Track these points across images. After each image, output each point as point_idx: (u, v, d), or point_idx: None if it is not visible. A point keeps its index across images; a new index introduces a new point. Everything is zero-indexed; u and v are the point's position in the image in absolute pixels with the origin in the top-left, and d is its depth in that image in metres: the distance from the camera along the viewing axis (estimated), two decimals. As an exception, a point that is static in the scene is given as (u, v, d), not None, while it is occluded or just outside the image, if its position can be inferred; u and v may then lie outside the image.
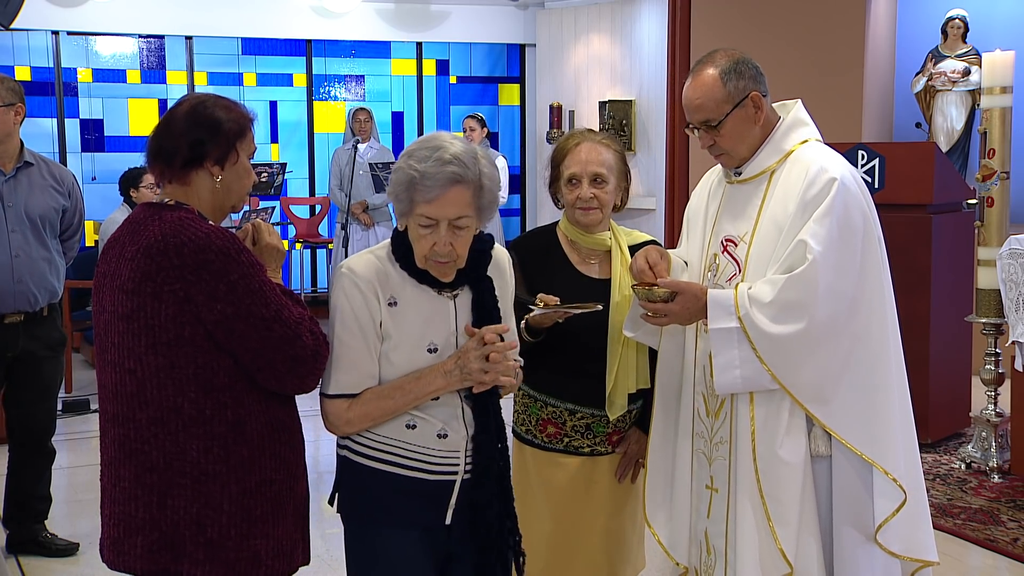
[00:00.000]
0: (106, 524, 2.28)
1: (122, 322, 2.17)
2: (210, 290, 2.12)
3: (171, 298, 2.12)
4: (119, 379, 2.19)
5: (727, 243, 2.72)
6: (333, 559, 4.43)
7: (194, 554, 2.17)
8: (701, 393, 2.76)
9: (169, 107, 2.33)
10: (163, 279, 2.12)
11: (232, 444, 2.19)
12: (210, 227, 2.19)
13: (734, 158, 2.71)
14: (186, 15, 9.59)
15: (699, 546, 2.81)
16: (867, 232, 2.60)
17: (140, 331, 2.15)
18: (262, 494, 2.23)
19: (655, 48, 9.45)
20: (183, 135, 2.22)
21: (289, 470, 2.29)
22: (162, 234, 2.14)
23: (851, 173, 2.62)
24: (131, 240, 2.19)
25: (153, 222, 2.17)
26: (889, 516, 2.59)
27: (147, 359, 2.15)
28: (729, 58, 2.65)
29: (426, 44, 10.64)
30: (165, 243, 2.12)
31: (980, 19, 8.19)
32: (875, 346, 2.62)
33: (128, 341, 2.16)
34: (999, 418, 5.35)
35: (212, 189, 2.26)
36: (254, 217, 7.95)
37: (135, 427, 2.18)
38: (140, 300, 2.14)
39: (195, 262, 2.11)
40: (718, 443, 2.73)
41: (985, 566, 4.34)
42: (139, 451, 2.18)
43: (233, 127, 2.26)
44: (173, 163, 2.23)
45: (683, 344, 2.82)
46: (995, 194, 5.30)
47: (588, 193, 2.89)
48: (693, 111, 2.67)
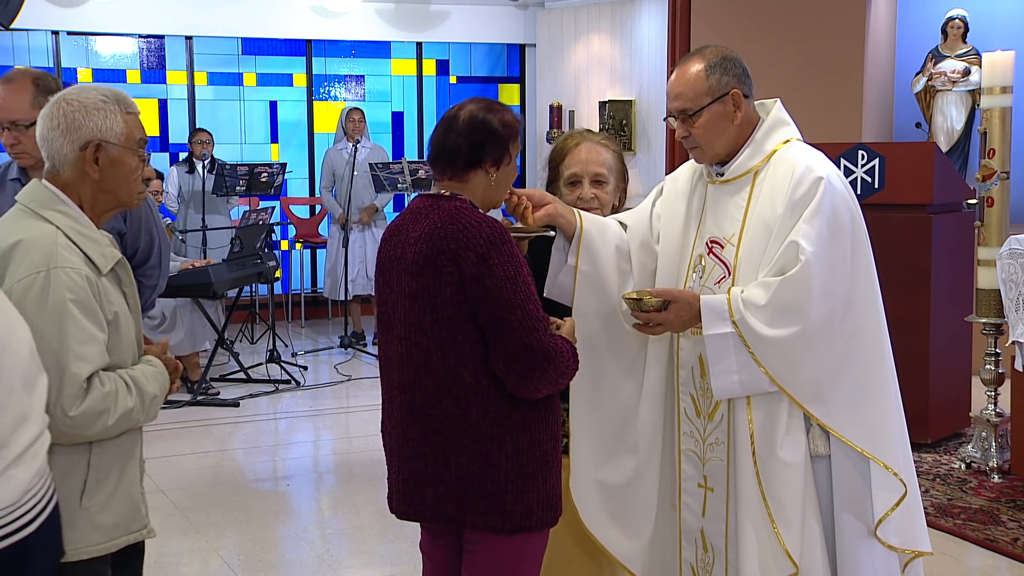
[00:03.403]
0: (394, 480, 2.58)
1: (408, 300, 2.44)
2: (474, 270, 2.37)
3: (448, 278, 2.38)
4: (406, 351, 2.47)
5: (712, 244, 2.72)
6: (333, 559, 4.43)
7: (476, 506, 2.45)
8: (690, 394, 2.77)
9: (445, 113, 2.56)
10: (442, 261, 2.38)
11: (506, 409, 2.44)
12: (482, 216, 2.43)
13: (707, 153, 2.72)
14: (186, 15, 9.59)
15: (695, 543, 2.81)
16: (855, 230, 2.63)
17: (424, 308, 2.42)
18: (532, 452, 2.47)
19: (655, 48, 9.45)
20: (464, 139, 2.47)
21: (552, 431, 2.53)
22: (440, 221, 2.41)
23: (836, 172, 2.65)
24: (413, 227, 2.46)
25: (433, 211, 2.45)
26: (889, 510, 2.61)
27: (432, 333, 2.42)
28: (718, 54, 2.68)
29: (426, 44, 10.65)
30: (444, 229, 2.39)
31: (980, 19, 8.19)
32: (869, 342, 2.64)
33: (414, 317, 2.44)
34: (999, 418, 5.35)
35: (486, 186, 2.52)
36: (254, 217, 7.96)
37: (422, 393, 2.45)
38: (423, 281, 2.41)
39: (466, 245, 2.37)
40: (713, 444, 2.74)
41: (985, 566, 4.34)
42: (426, 414, 2.46)
43: (508, 132, 2.50)
44: (455, 164, 2.49)
45: (670, 346, 2.82)
46: (995, 194, 5.30)
47: (589, 193, 2.89)
48: (672, 99, 2.71)
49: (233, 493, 5.30)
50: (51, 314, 2.15)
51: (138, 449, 2.42)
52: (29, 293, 2.16)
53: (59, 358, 2.15)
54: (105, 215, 2.39)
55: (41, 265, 2.18)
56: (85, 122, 2.29)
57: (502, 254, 2.39)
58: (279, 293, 9.27)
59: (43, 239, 2.22)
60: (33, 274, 2.17)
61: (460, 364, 2.42)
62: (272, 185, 8.50)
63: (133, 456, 2.39)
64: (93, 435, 2.22)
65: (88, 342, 2.18)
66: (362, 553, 4.55)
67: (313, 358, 8.42)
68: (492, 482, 2.44)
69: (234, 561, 4.39)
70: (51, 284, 2.17)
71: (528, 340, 2.38)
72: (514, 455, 2.45)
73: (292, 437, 6.56)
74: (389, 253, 2.53)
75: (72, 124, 2.29)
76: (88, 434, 2.21)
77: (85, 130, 2.29)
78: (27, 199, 2.32)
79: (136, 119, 2.37)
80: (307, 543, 4.64)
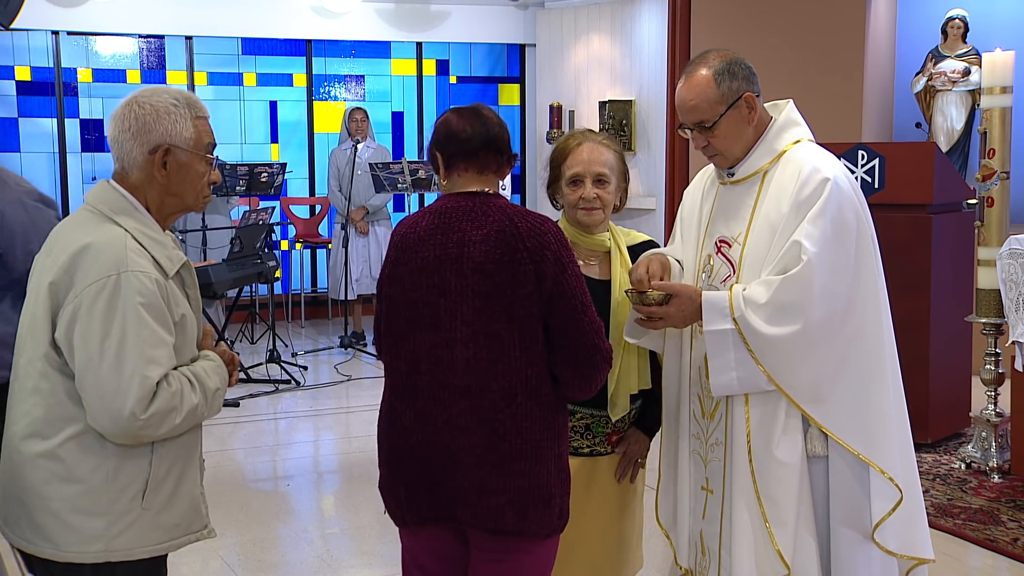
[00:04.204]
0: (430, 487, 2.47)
1: (480, 300, 2.38)
2: (552, 270, 2.38)
3: (525, 277, 2.37)
4: (473, 353, 2.39)
5: (721, 244, 2.72)
6: (333, 559, 4.43)
7: (533, 514, 2.43)
8: (697, 395, 2.77)
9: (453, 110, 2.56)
10: (520, 259, 2.37)
11: (552, 413, 2.46)
12: (543, 216, 2.46)
13: (728, 159, 2.71)
14: (186, 15, 9.59)
15: (695, 547, 2.81)
16: (860, 232, 2.61)
17: (498, 309, 2.38)
18: (566, 455, 2.52)
19: (655, 48, 9.45)
20: (505, 133, 2.52)
21: (566, 435, 2.55)
22: (509, 219, 2.40)
23: (844, 173, 2.63)
24: (471, 225, 2.42)
25: (490, 209, 2.43)
26: (886, 515, 2.59)
27: (505, 334, 2.39)
28: (722, 59, 2.65)
29: (426, 44, 10.64)
30: (518, 227, 2.39)
31: (980, 19, 8.18)
32: (870, 346, 2.62)
33: (485, 317, 2.38)
34: (999, 418, 5.35)
35: (497, 189, 2.55)
36: (254, 217, 7.95)
37: (490, 398, 2.40)
38: (500, 280, 2.37)
39: (543, 244, 2.38)
40: (713, 444, 2.74)
41: (985, 566, 4.34)
42: (493, 419, 2.40)
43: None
44: (501, 157, 2.51)
45: (680, 346, 2.82)
46: (995, 194, 5.30)
47: (591, 193, 2.89)
48: (687, 112, 2.67)
49: (233, 493, 5.30)
50: (121, 318, 2.15)
51: (199, 448, 2.43)
52: (99, 297, 2.16)
53: (130, 362, 2.15)
54: (170, 218, 2.39)
55: (111, 269, 2.18)
56: (155, 126, 2.29)
57: (571, 256, 2.43)
58: (279, 293, 9.27)
59: (113, 242, 2.21)
60: (104, 278, 2.17)
61: (528, 366, 2.39)
62: (272, 185, 8.50)
63: (194, 455, 2.40)
64: (161, 435, 2.23)
65: (158, 345, 2.18)
66: (362, 553, 4.55)
67: (313, 358, 8.42)
68: (546, 488, 2.43)
69: (234, 561, 4.39)
70: (121, 288, 2.17)
71: (597, 342, 2.41)
72: (557, 459, 2.46)
73: (292, 437, 6.56)
74: (435, 252, 2.43)
75: (143, 127, 2.29)
76: (156, 435, 2.21)
77: (155, 134, 2.29)
78: (95, 201, 2.32)
79: (205, 123, 2.38)
80: (307, 543, 4.65)
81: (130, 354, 2.14)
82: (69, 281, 2.20)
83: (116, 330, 2.15)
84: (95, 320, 2.15)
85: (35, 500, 2.25)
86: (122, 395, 2.14)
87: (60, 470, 2.22)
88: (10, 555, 4.52)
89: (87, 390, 2.17)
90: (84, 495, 2.22)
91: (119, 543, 2.24)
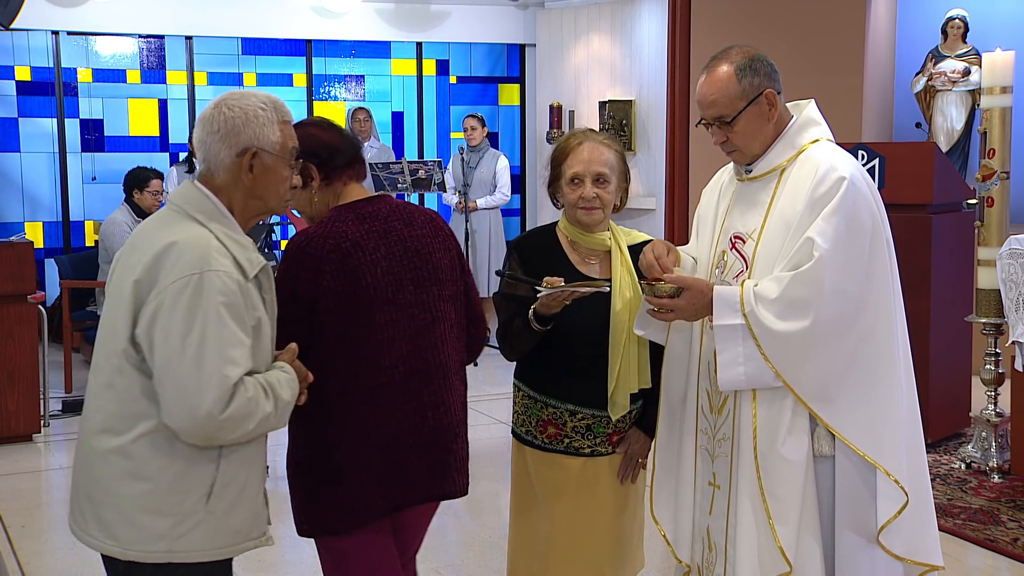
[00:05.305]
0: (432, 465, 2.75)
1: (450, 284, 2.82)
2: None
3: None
4: (456, 334, 2.80)
5: (735, 240, 2.71)
6: (333, 559, 4.42)
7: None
8: (706, 390, 2.76)
9: (329, 120, 2.83)
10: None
11: None
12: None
13: (746, 155, 2.70)
14: (186, 15, 9.59)
15: (702, 543, 2.81)
16: (875, 233, 2.59)
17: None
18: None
19: (655, 48, 9.45)
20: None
21: None
22: (426, 212, 2.89)
23: (862, 174, 2.61)
24: (403, 223, 2.76)
25: (409, 206, 2.83)
26: (891, 518, 2.57)
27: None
28: (744, 55, 2.64)
29: (426, 44, 10.64)
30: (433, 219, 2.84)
31: (980, 19, 8.19)
32: (881, 347, 2.60)
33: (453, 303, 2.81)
34: (999, 418, 5.35)
35: None
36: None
37: (460, 375, 2.84)
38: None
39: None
40: (721, 440, 2.73)
41: (985, 566, 4.34)
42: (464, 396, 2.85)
43: None
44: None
45: (689, 340, 2.82)
46: (995, 194, 5.30)
47: (591, 192, 2.89)
48: (707, 107, 2.66)
49: (233, 493, 5.28)
50: (203, 317, 2.16)
51: (264, 455, 2.44)
52: (183, 295, 2.16)
53: (210, 361, 2.15)
54: (252, 220, 2.41)
55: (195, 268, 2.18)
56: (244, 129, 2.30)
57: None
58: (279, 293, 9.25)
59: (197, 242, 2.22)
60: (187, 276, 2.17)
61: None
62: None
63: (259, 462, 2.41)
64: (233, 439, 2.23)
65: (238, 346, 2.19)
66: (362, 553, 4.53)
67: (313, 358, 8.39)
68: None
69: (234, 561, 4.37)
70: (204, 287, 2.17)
71: None
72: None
73: (292, 437, 6.53)
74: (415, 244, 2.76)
75: (231, 130, 2.30)
76: (229, 438, 2.22)
77: (243, 137, 2.30)
78: (180, 200, 2.32)
79: (290, 128, 2.39)
80: (307, 543, 4.62)
81: (210, 353, 2.14)
82: (152, 279, 2.20)
83: (197, 328, 2.15)
84: (177, 317, 2.16)
85: (103, 496, 2.25)
86: (200, 393, 2.14)
87: (130, 467, 2.22)
88: (10, 555, 4.52)
89: (165, 387, 2.17)
90: (151, 494, 2.22)
91: (182, 544, 2.25)
